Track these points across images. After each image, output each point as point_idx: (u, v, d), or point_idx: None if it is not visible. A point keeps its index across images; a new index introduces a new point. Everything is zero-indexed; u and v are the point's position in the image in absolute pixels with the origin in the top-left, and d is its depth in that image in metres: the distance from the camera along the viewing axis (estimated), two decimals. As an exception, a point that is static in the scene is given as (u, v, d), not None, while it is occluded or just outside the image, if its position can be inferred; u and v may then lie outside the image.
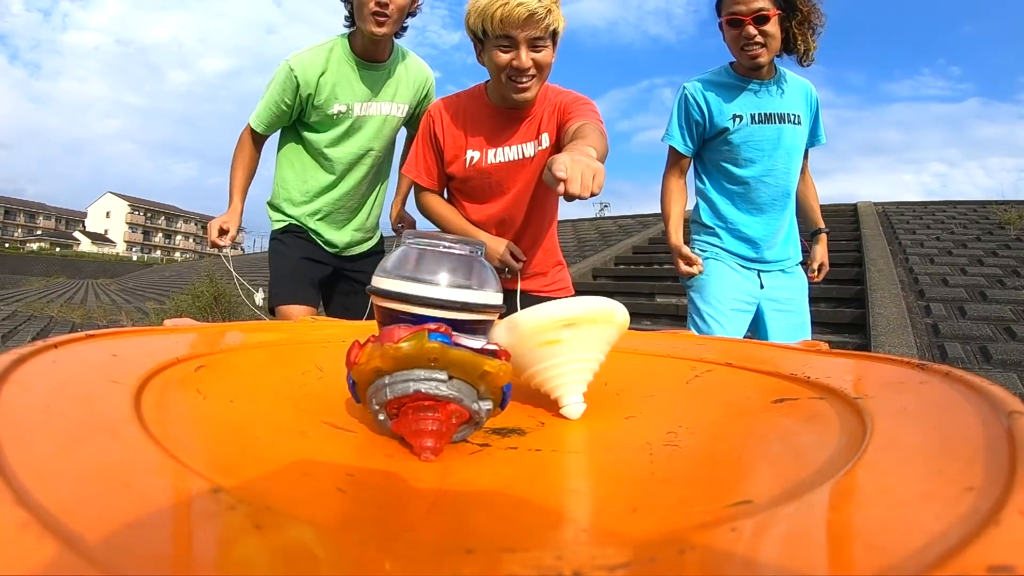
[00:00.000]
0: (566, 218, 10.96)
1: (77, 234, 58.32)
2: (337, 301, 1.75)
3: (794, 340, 0.84)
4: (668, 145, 1.65)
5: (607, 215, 9.59)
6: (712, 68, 1.62)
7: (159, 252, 58.12)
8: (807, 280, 1.70)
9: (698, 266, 1.58)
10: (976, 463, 0.23)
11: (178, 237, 63.28)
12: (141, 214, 60.56)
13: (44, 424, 0.26)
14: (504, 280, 1.35)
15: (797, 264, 1.68)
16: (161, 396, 0.35)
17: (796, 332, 1.61)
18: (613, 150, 1.24)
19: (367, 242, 1.74)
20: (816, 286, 1.80)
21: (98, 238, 57.21)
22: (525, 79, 1.23)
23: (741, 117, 1.54)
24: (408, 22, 1.53)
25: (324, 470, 0.30)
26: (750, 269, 1.61)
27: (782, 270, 1.64)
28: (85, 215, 62.06)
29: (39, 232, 57.45)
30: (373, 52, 1.51)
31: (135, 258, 44.71)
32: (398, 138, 1.69)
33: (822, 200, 1.79)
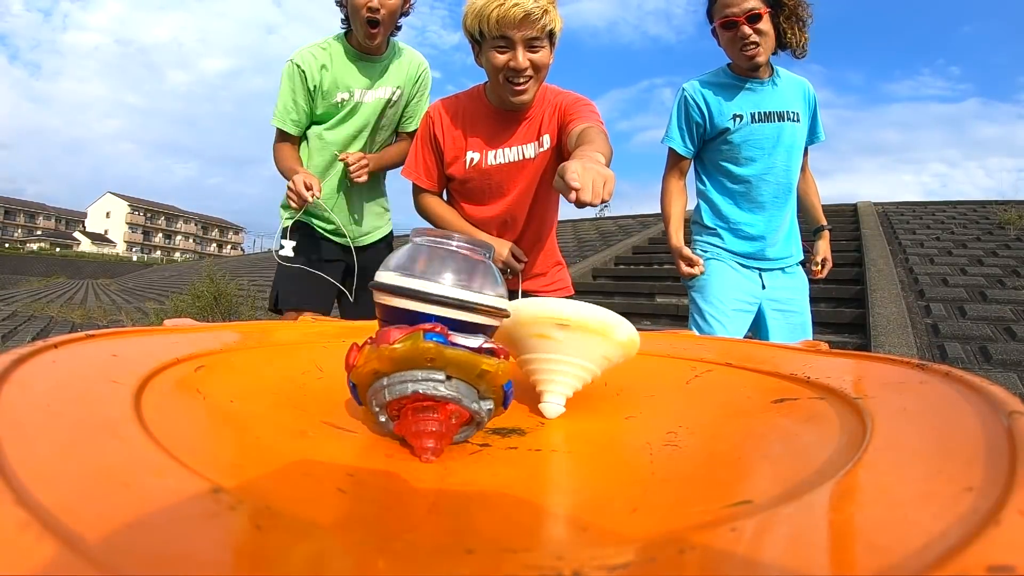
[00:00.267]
0: (566, 218, 10.96)
1: (77, 234, 58.32)
2: (356, 295, 1.75)
3: (795, 340, 0.84)
4: (668, 147, 1.65)
5: (607, 215, 9.60)
6: (710, 70, 1.63)
7: (159, 252, 58.13)
8: (809, 278, 1.70)
9: (699, 267, 1.59)
10: (976, 463, 0.23)
11: (178, 237, 63.29)
12: (141, 214, 60.58)
13: (44, 424, 0.26)
14: (506, 280, 1.35)
15: (798, 263, 1.68)
16: (161, 396, 0.35)
17: (797, 332, 1.62)
18: (613, 150, 1.25)
19: (377, 231, 1.75)
20: (816, 286, 1.80)
21: (98, 238, 57.21)
22: (522, 80, 1.23)
23: (741, 116, 1.54)
24: (402, 21, 1.58)
25: (324, 470, 0.30)
26: (752, 269, 1.61)
27: (783, 270, 1.64)
28: (85, 215, 62.09)
29: (39, 232, 57.44)
30: (369, 49, 1.56)
31: (135, 258, 44.62)
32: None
33: (822, 200, 1.79)
